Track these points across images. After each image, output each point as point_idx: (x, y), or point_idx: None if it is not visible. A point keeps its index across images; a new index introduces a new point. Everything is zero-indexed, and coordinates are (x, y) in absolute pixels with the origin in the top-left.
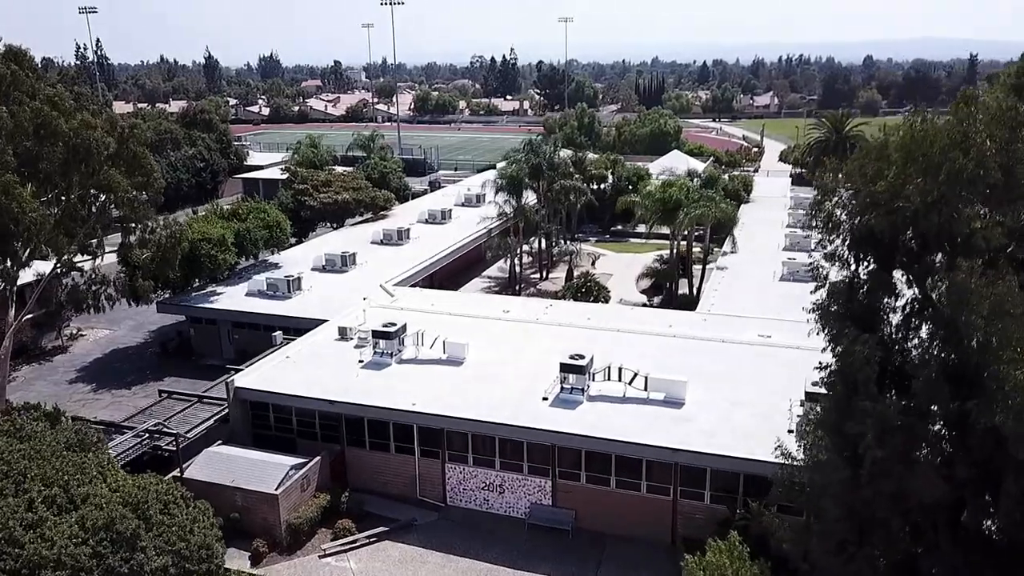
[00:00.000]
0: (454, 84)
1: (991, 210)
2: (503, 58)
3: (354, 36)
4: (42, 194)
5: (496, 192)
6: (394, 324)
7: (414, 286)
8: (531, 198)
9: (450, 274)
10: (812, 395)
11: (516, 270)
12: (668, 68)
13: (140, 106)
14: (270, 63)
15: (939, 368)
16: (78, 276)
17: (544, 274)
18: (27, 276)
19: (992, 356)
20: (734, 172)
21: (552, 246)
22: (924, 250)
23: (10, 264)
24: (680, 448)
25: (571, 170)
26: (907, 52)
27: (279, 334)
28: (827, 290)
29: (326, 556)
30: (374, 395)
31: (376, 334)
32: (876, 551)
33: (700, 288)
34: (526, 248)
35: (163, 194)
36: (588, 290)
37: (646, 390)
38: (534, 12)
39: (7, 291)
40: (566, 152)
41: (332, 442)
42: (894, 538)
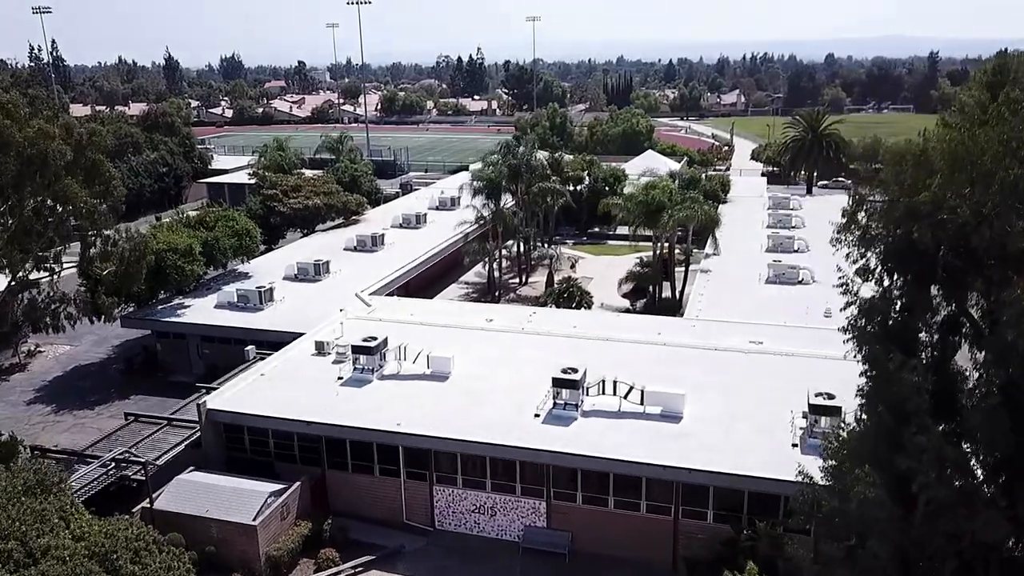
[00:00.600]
0: (420, 84)
1: None
2: (470, 58)
3: (318, 36)
4: None
5: (473, 195)
6: (374, 338)
7: (391, 294)
8: (507, 201)
9: (427, 281)
10: (818, 408)
11: (495, 275)
12: (634, 67)
13: (98, 109)
14: (232, 64)
15: (998, 397)
16: (36, 292)
17: (523, 279)
18: None
19: None
20: (711, 172)
21: (531, 250)
22: (971, 266)
23: None
24: (682, 466)
25: (548, 172)
26: (867, 50)
27: (252, 348)
28: (858, 307)
29: None
30: (356, 415)
31: (356, 349)
32: None
33: (683, 291)
34: (504, 252)
35: (124, 201)
36: (570, 296)
37: (642, 404)
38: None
39: None
40: (542, 153)
41: (312, 465)
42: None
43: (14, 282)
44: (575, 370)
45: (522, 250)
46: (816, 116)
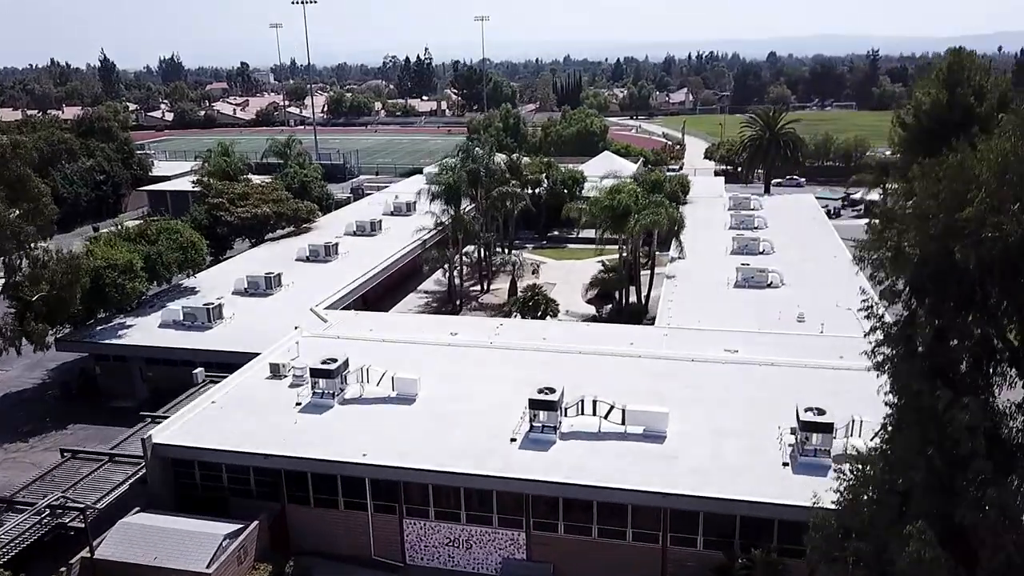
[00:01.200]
0: (367, 85)
1: None
2: (418, 58)
3: (261, 36)
4: None
5: (431, 201)
6: (334, 360)
7: (347, 308)
8: (466, 205)
9: (384, 290)
10: (809, 425)
11: (456, 283)
12: (580, 66)
13: (30, 113)
14: (172, 65)
15: None
16: None
17: (485, 286)
18: None
19: None
20: (670, 172)
21: (491, 256)
22: (1017, 288)
23: None
24: (670, 492)
25: (507, 175)
26: (806, 48)
27: (200, 371)
28: (884, 334)
29: None
30: (317, 445)
31: (315, 373)
32: None
33: (649, 295)
34: (465, 259)
35: (56, 219)
36: (536, 304)
37: (624, 424)
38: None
39: None
40: (499, 156)
41: (271, 500)
42: None
43: None
44: (552, 390)
45: (483, 257)
46: (773, 115)
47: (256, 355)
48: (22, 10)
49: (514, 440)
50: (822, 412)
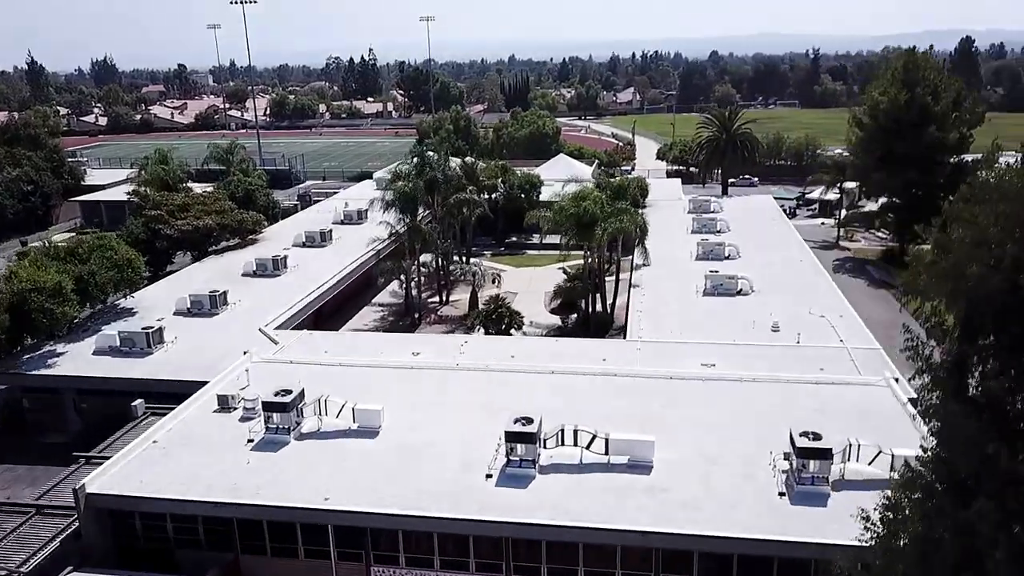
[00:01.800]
0: (311, 86)
1: None
2: (362, 59)
3: (198, 37)
4: None
5: (385, 210)
6: (288, 391)
7: (299, 326)
8: (421, 213)
9: (337, 304)
10: (806, 451)
11: (413, 295)
12: (526, 66)
13: None
14: (105, 67)
15: None
16: None
17: (444, 297)
18: None
19: None
20: (629, 175)
21: (449, 265)
22: None
23: None
24: (662, 531)
25: (464, 181)
26: (747, 47)
27: (140, 403)
28: (932, 379)
29: None
30: (272, 488)
31: (268, 406)
32: None
33: (614, 303)
34: (423, 269)
35: None
36: (499, 316)
37: (607, 454)
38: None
39: None
40: (454, 160)
41: (223, 550)
42: None
43: None
44: (530, 420)
45: (440, 266)
46: (728, 116)
47: (202, 384)
48: None
49: (490, 476)
50: (818, 436)
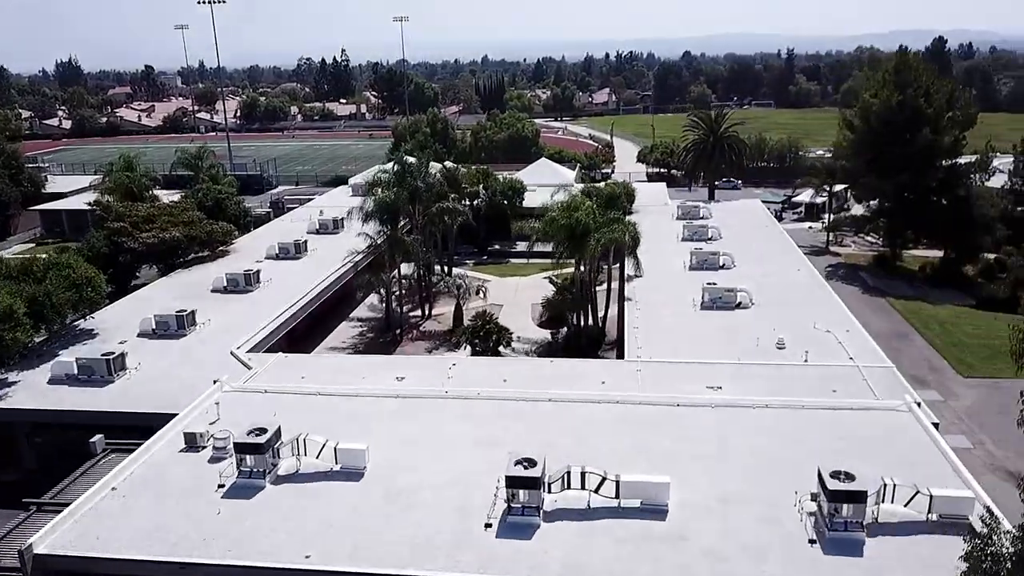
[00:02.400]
0: (282, 88)
1: None
2: (334, 59)
3: (167, 38)
4: None
5: (364, 220)
6: (263, 429)
7: (273, 348)
8: (401, 222)
9: (314, 321)
10: (839, 494)
11: (394, 309)
12: (499, 67)
13: None
14: (70, 69)
15: None
16: None
17: (426, 311)
18: None
19: None
20: (610, 177)
21: (431, 276)
22: None
23: None
24: None
25: (446, 189)
26: (719, 47)
27: (100, 438)
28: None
29: None
30: (247, 543)
31: (241, 448)
32: None
33: (606, 315)
34: (403, 282)
35: None
36: (487, 333)
37: (617, 497)
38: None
39: None
40: (434, 165)
41: None
42: None
43: None
44: (533, 462)
45: (422, 278)
46: (715, 118)
47: (168, 416)
48: None
49: (489, 526)
50: (851, 476)
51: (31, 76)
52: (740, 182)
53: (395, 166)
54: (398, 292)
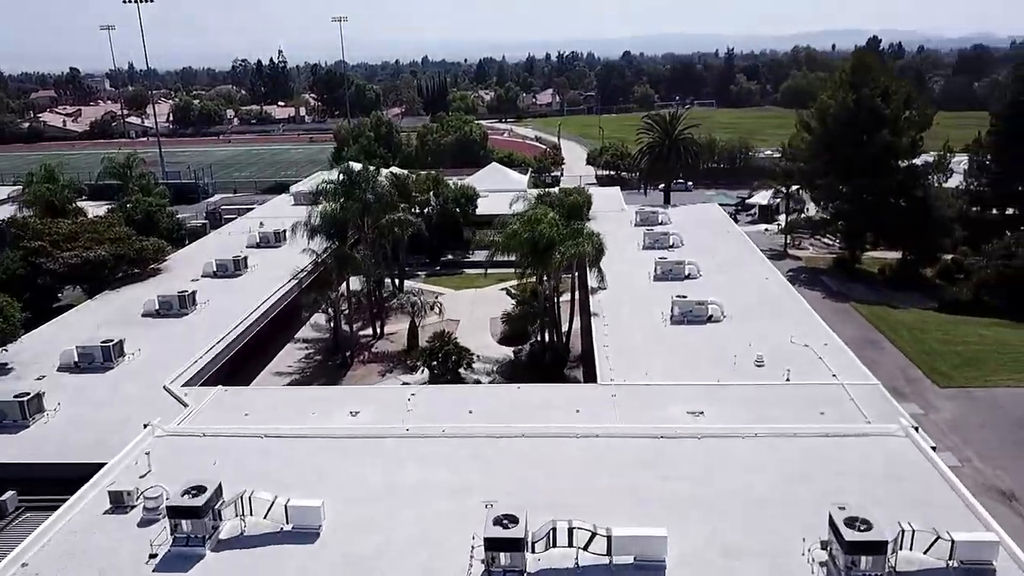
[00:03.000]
0: (217, 90)
1: None
2: (271, 60)
3: (93, 38)
4: None
5: (310, 236)
6: (202, 488)
7: (212, 379)
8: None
9: (256, 344)
10: (858, 546)
11: (343, 329)
12: (440, 67)
13: None
14: None
15: None
16: None
17: (378, 330)
18: None
19: None
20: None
21: (382, 293)
22: None
23: None
24: None
25: (396, 198)
26: (658, 47)
27: (12, 495)
28: None
29: None
30: None
31: (175, 512)
32: None
33: (569, 330)
34: (352, 300)
35: None
36: (446, 355)
37: (609, 554)
38: (298, 11)
39: None
40: (383, 172)
41: None
42: None
43: None
44: (514, 519)
45: (373, 294)
46: (671, 119)
47: (92, 466)
48: None
49: None
50: (868, 524)
51: None
52: (692, 184)
53: (341, 175)
54: (347, 310)
